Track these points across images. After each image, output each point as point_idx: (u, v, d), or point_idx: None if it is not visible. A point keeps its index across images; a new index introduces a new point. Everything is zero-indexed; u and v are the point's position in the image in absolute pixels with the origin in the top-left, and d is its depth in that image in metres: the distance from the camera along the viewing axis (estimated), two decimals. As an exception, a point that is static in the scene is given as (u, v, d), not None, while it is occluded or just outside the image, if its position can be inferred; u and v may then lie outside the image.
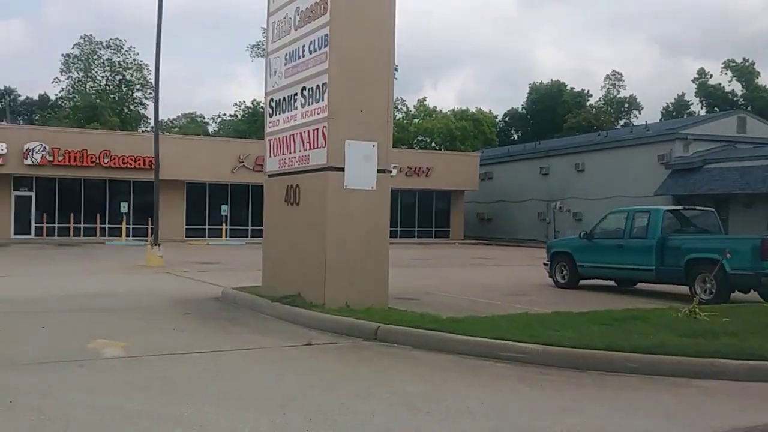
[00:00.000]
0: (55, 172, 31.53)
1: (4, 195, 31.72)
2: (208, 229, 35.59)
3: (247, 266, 21.13)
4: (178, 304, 11.74)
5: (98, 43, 60.52)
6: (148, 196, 34.41)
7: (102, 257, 23.97)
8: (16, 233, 31.76)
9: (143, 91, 62.51)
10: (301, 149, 10.49)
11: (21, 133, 31.76)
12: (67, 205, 32.85)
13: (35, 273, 17.77)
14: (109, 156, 32.04)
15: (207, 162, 33.84)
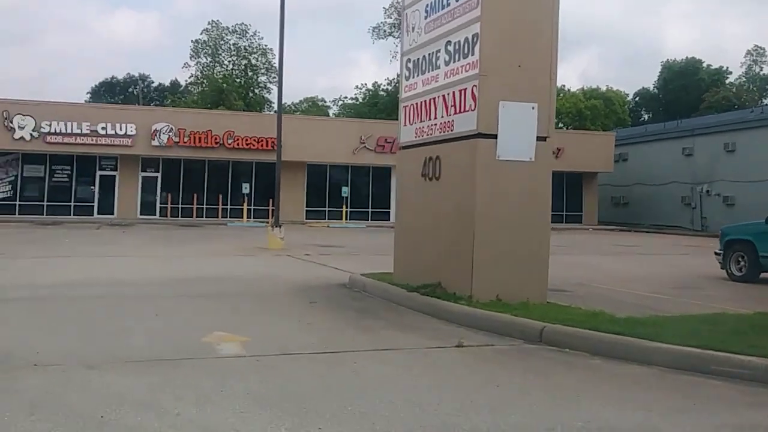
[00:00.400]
0: (180, 153, 31.70)
1: (132, 175, 32.23)
2: (328, 211, 34.87)
3: (371, 250, 20.00)
4: (302, 290, 10.59)
5: (225, 29, 61.43)
6: (269, 177, 34.12)
7: (223, 239, 23.53)
8: (141, 213, 32.21)
9: (267, 75, 62.95)
10: (444, 114, 8.97)
11: (149, 115, 32.13)
12: (191, 186, 33.01)
13: (155, 254, 17.27)
14: (233, 137, 31.85)
15: (328, 143, 33.04)
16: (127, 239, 22.27)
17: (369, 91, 62.32)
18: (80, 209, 31.45)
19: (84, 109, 31.67)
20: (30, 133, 29.29)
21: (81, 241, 20.67)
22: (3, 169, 30.62)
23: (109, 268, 13.59)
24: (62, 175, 31.39)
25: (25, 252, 16.75)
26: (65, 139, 29.71)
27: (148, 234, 24.51)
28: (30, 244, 19.12)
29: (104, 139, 30.20)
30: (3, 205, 30.56)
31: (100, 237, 22.97)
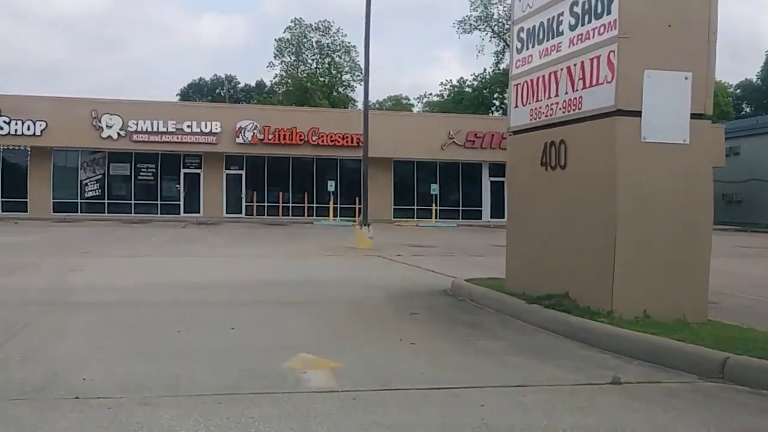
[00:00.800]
0: (265, 151, 31.06)
1: (217, 174, 31.80)
2: (416, 209, 33.55)
3: (466, 251, 18.53)
4: (400, 298, 9.25)
5: (308, 26, 61.01)
6: (355, 174, 33.08)
7: (308, 238, 22.54)
8: (227, 212, 31.74)
9: (351, 73, 62.25)
10: (569, 89, 7.42)
11: (234, 113, 31.68)
12: (276, 184, 32.34)
13: (239, 254, 16.34)
14: (318, 134, 30.96)
15: (415, 139, 31.71)
16: (212, 238, 21.58)
17: (454, 87, 60.54)
18: (167, 208, 31.27)
19: (170, 107, 31.50)
20: (117, 132, 29.24)
21: (166, 240, 20.10)
22: (91, 167, 30.76)
23: (189, 269, 12.71)
24: (147, 173, 31.28)
25: (110, 251, 16.20)
26: (151, 138, 29.53)
27: (232, 233, 23.81)
28: (117, 243, 18.65)
29: (189, 137, 29.86)
30: (93, 204, 30.68)
31: (185, 236, 22.39)
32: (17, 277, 11.08)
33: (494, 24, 53.69)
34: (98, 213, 30.12)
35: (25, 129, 28.41)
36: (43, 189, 29.95)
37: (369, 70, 20.18)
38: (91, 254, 15.17)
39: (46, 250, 16.30)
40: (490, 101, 56.15)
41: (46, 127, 28.60)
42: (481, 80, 56.57)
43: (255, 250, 17.35)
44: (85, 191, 30.66)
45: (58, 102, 29.49)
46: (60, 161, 30.56)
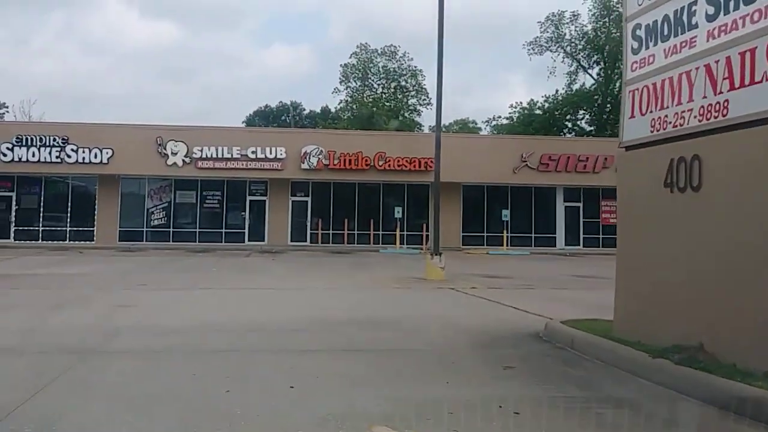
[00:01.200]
0: (330, 176, 30.13)
1: (282, 200, 31.03)
2: (486, 236, 31.99)
3: (546, 283, 16.97)
4: (486, 344, 7.93)
5: (373, 51, 60.65)
6: (422, 200, 31.88)
7: (375, 267, 21.32)
8: (292, 239, 30.90)
9: (418, 97, 61.47)
10: (708, 92, 6.01)
11: (299, 137, 30.89)
12: (341, 211, 31.35)
13: (302, 285, 15.24)
14: (384, 158, 29.89)
15: (485, 162, 30.29)
16: (276, 267, 20.64)
17: (524, 110, 58.84)
18: (231, 236, 30.64)
19: (234, 132, 30.96)
20: (182, 159, 28.82)
21: (228, 270, 19.23)
22: (157, 195, 30.42)
23: (248, 304, 11.66)
24: (213, 200, 30.74)
25: (168, 283, 15.37)
26: (216, 164, 29.01)
27: (296, 262, 22.83)
28: (177, 274, 17.88)
29: (254, 163, 29.21)
30: (158, 232, 30.30)
31: (248, 265, 21.51)
32: (64, 313, 10.21)
33: (566, 44, 52.02)
34: (163, 242, 29.70)
35: (92, 157, 28.28)
36: (110, 218, 29.76)
37: (442, 91, 18.90)
38: (148, 287, 14.35)
39: (103, 281, 15.59)
40: (563, 123, 54.25)
41: (112, 155, 28.42)
42: (553, 102, 54.76)
43: (319, 282, 16.23)
44: (151, 220, 30.34)
45: (123, 129, 29.33)
46: (127, 189, 30.35)
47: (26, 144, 28.08)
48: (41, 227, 29.60)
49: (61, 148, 28.25)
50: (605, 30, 50.01)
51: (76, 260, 22.29)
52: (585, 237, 32.54)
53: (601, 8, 49.69)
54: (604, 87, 51.67)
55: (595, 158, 30.96)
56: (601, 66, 51.90)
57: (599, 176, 30.95)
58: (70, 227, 29.79)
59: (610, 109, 52.13)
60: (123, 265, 20.56)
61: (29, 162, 28.14)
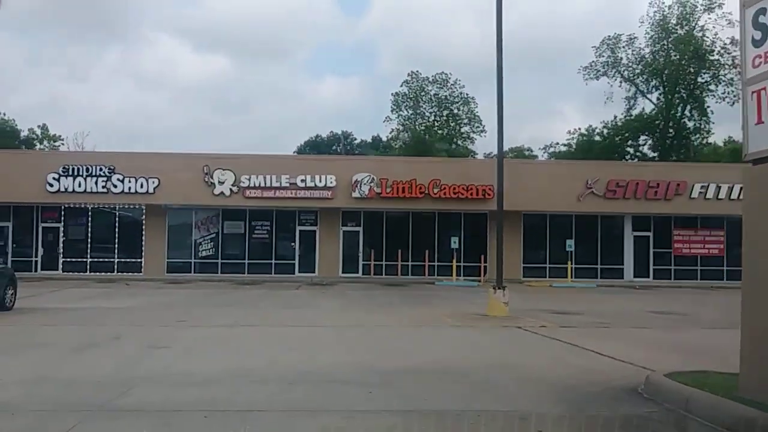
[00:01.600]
0: (382, 205, 28.83)
1: (333, 231, 29.83)
2: (548, 267, 30.14)
3: (623, 320, 15.19)
4: (575, 404, 6.50)
5: (425, 79, 59.76)
6: (479, 229, 30.28)
7: (431, 301, 19.82)
8: (343, 271, 29.60)
9: (470, 125, 60.17)
10: None
11: (349, 165, 29.65)
12: (395, 241, 29.96)
13: (353, 323, 13.88)
14: (439, 186, 28.46)
15: (548, 189, 28.59)
16: (326, 302, 19.32)
17: (582, 136, 56.86)
18: (281, 267, 29.54)
19: (283, 161, 29.91)
20: (230, 188, 27.93)
21: (275, 304, 18.07)
22: (204, 226, 29.57)
23: (294, 345, 10.37)
24: (262, 231, 29.72)
25: (210, 319, 14.18)
26: (264, 193, 28.02)
27: (348, 295, 21.48)
28: (221, 309, 16.73)
29: (303, 191, 28.14)
30: (206, 264, 29.41)
31: (297, 299, 20.26)
32: (86, 356, 9.08)
33: (623, 69, 50.13)
34: (211, 273, 28.79)
35: (138, 187, 27.62)
36: (157, 249, 29.01)
37: (503, 111, 17.50)
38: (187, 323, 13.21)
39: (141, 317, 14.51)
40: (624, 150, 52.10)
41: (158, 185, 27.72)
42: (612, 128, 52.76)
43: (372, 317, 14.85)
44: (199, 251, 29.47)
45: (169, 158, 28.63)
46: (174, 220, 29.60)
47: (72, 174, 27.60)
48: (89, 258, 29.01)
49: (107, 177, 27.69)
50: (664, 53, 48.04)
51: (121, 293, 21.41)
52: (655, 268, 30.37)
53: (659, 31, 47.74)
54: (665, 112, 49.52)
55: (666, 184, 28.94)
56: (660, 91, 49.80)
57: (671, 203, 28.91)
58: (118, 258, 29.12)
59: (673, 134, 50.02)
60: (167, 299, 19.55)
61: (75, 192, 27.63)
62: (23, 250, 28.95)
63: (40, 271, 28.58)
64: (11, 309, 15.34)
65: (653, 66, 48.23)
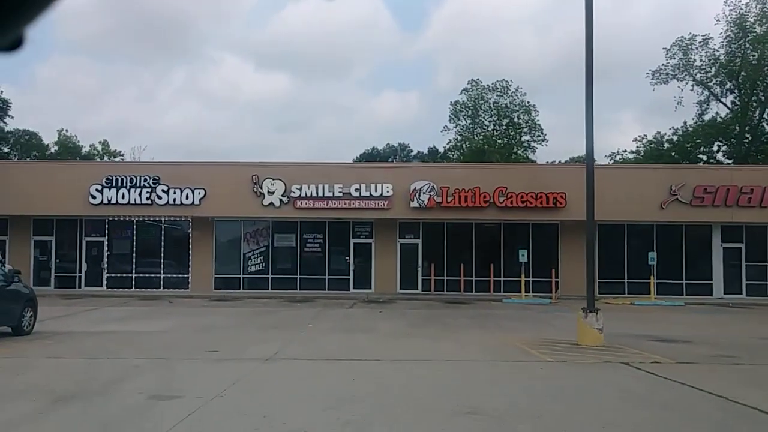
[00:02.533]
0: (443, 216, 26.54)
1: (390, 243, 27.69)
2: (627, 283, 27.34)
3: (745, 350, 12.53)
4: None
5: (485, 87, 57.43)
6: (549, 241, 27.70)
7: (505, 324, 17.41)
8: (401, 287, 27.40)
9: (531, 134, 57.50)
10: None
11: (407, 173, 27.42)
12: (457, 254, 27.62)
13: (415, 354, 11.66)
14: (505, 194, 26.04)
15: (625, 196, 25.89)
16: (383, 323, 17.15)
17: (650, 143, 53.41)
18: (335, 283, 27.53)
19: (336, 169, 27.88)
20: (279, 198, 26.09)
21: (325, 328, 15.96)
22: (254, 239, 27.79)
23: (344, 393, 8.11)
24: (314, 244, 27.78)
25: (246, 348, 12.18)
26: (316, 204, 26.08)
27: (408, 315, 19.25)
28: (263, 333, 14.76)
29: (358, 201, 26.09)
30: (256, 279, 27.62)
31: (350, 320, 18.15)
32: (69, 407, 7.03)
33: (695, 72, 46.87)
34: (261, 289, 26.98)
35: (183, 198, 26.01)
36: (205, 264, 27.36)
37: (592, 110, 15.09)
38: (217, 354, 11.22)
39: (168, 344, 12.60)
40: (696, 157, 48.59)
41: (204, 196, 26.07)
42: (683, 134, 49.39)
43: (440, 347, 12.59)
44: (248, 266, 27.69)
45: (216, 168, 26.98)
46: (222, 233, 27.95)
47: (116, 185, 26.18)
48: (134, 274, 27.52)
49: (152, 188, 26.18)
50: (740, 53, 44.57)
51: (160, 312, 19.66)
52: (748, 284, 27.20)
53: (736, 30, 44.30)
54: (741, 116, 45.96)
55: (761, 190, 25.87)
56: (735, 94, 46.51)
57: (767, 211, 25.85)
58: (164, 274, 27.56)
59: (750, 139, 46.44)
60: (207, 319, 17.68)
61: (119, 204, 26.19)
62: (66, 265, 27.68)
63: (83, 287, 27.26)
64: (29, 333, 13.62)
65: (728, 68, 44.89)
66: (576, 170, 27.74)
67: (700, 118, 48.31)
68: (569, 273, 27.10)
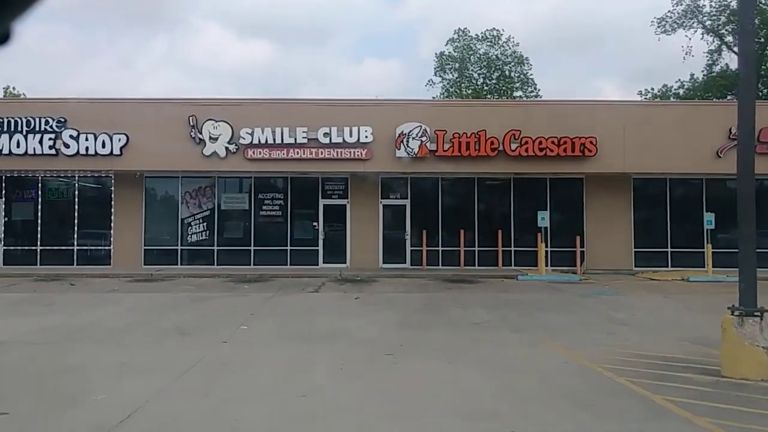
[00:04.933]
0: (438, 168, 20.44)
1: (370, 205, 21.61)
2: (670, 253, 21.61)
3: None
4: None
5: (473, 38, 51.63)
6: (574, 201, 21.84)
7: (538, 317, 11.53)
8: (384, 261, 21.45)
9: (524, 89, 51.56)
10: None
11: (392, 112, 20.72)
12: (455, 219, 21.70)
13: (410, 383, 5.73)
14: (519, 139, 20.02)
15: (670, 142, 20.10)
16: (358, 321, 11.30)
17: (656, 98, 47.34)
18: (299, 256, 21.53)
19: (299, 107, 21.37)
20: (225, 146, 19.89)
21: (266, 332, 10.11)
22: (195, 200, 21.61)
23: None
24: (273, 207, 21.65)
25: (85, 392, 6.13)
26: (273, 153, 19.92)
27: (395, 305, 13.31)
28: (157, 345, 8.96)
29: (328, 150, 19.96)
30: (198, 252, 21.54)
31: (310, 315, 12.26)
32: None
33: (705, 19, 41.80)
34: (205, 265, 20.99)
35: (99, 146, 19.70)
36: (132, 233, 21.19)
37: None
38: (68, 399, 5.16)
39: None
40: (706, 111, 43.24)
41: (127, 143, 19.80)
42: (691, 87, 44.16)
43: (460, 378, 6.69)
44: (188, 234, 21.60)
45: (141, 107, 20.45)
46: (153, 193, 21.77)
47: (8, 130, 19.77)
48: (39, 247, 21.25)
49: (56, 134, 19.82)
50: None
51: (38, 302, 13.58)
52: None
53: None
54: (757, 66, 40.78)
55: None
56: None
57: None
58: (78, 246, 21.35)
59: (766, 92, 41.01)
60: (93, 315, 11.66)
61: (14, 156, 19.80)
62: (-49, 236, 21.36)
63: (-27, 264, 21.03)
64: None
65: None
66: (611, 109, 21.68)
67: (710, 69, 43.41)
68: (598, 241, 21.37)
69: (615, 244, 21.41)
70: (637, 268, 21.19)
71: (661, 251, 21.59)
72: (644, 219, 21.82)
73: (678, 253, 21.50)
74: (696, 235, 20.78)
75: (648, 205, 21.90)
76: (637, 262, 21.49)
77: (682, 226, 21.56)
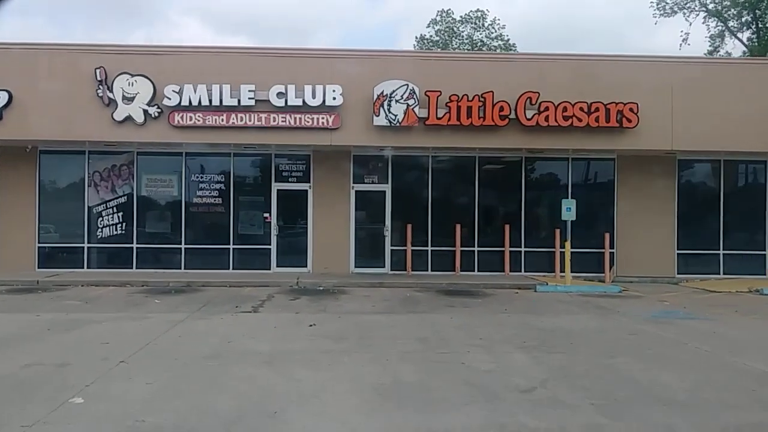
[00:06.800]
0: (428, 141, 15.42)
1: (339, 190, 16.62)
2: (723, 255, 16.92)
3: None
4: None
5: (455, 21, 48.29)
6: (604, 187, 17.16)
7: (607, 364, 6.59)
8: (357, 264, 16.51)
9: (512, 74, 47.61)
10: None
11: (370, 66, 15.07)
12: (447, 208, 16.83)
13: None
14: (536, 104, 15.13)
15: (723, 111, 15.44)
16: (305, 386, 6.22)
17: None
18: (246, 257, 16.54)
19: (245, 59, 15.99)
20: (143, 109, 14.74)
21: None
22: (107, 182, 16.43)
23: None
24: (211, 192, 16.56)
25: None
26: (208, 119, 14.82)
27: (370, 336, 8.40)
28: None
29: (284, 116, 14.88)
30: (112, 250, 16.41)
31: (228, 357, 7.23)
32: None
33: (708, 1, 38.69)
34: (122, 268, 15.93)
35: (-31, 107, 14.63)
36: (21, 226, 15.98)
37: None
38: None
39: None
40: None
41: (9, 103, 14.56)
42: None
43: None
44: (98, 228, 16.46)
45: (28, 55, 15.02)
46: (51, 172, 16.53)
47: None
48: None
49: None
50: (761, -20, 36.89)
51: None
52: None
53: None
54: (760, 54, 37.33)
55: None
56: (753, 29, 38.91)
57: None
58: (-51, 244, 16.06)
59: None
60: None
61: None
62: None
63: None
64: None
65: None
66: (656, 68, 16.68)
67: (712, 54, 40.37)
68: (631, 239, 16.67)
69: (652, 244, 16.72)
70: (680, 275, 16.54)
71: (711, 254, 16.89)
72: (691, 212, 17.07)
73: (731, 255, 16.84)
74: (755, 234, 16.20)
75: (696, 194, 17.20)
76: (679, 268, 16.80)
77: (740, 222, 16.91)
